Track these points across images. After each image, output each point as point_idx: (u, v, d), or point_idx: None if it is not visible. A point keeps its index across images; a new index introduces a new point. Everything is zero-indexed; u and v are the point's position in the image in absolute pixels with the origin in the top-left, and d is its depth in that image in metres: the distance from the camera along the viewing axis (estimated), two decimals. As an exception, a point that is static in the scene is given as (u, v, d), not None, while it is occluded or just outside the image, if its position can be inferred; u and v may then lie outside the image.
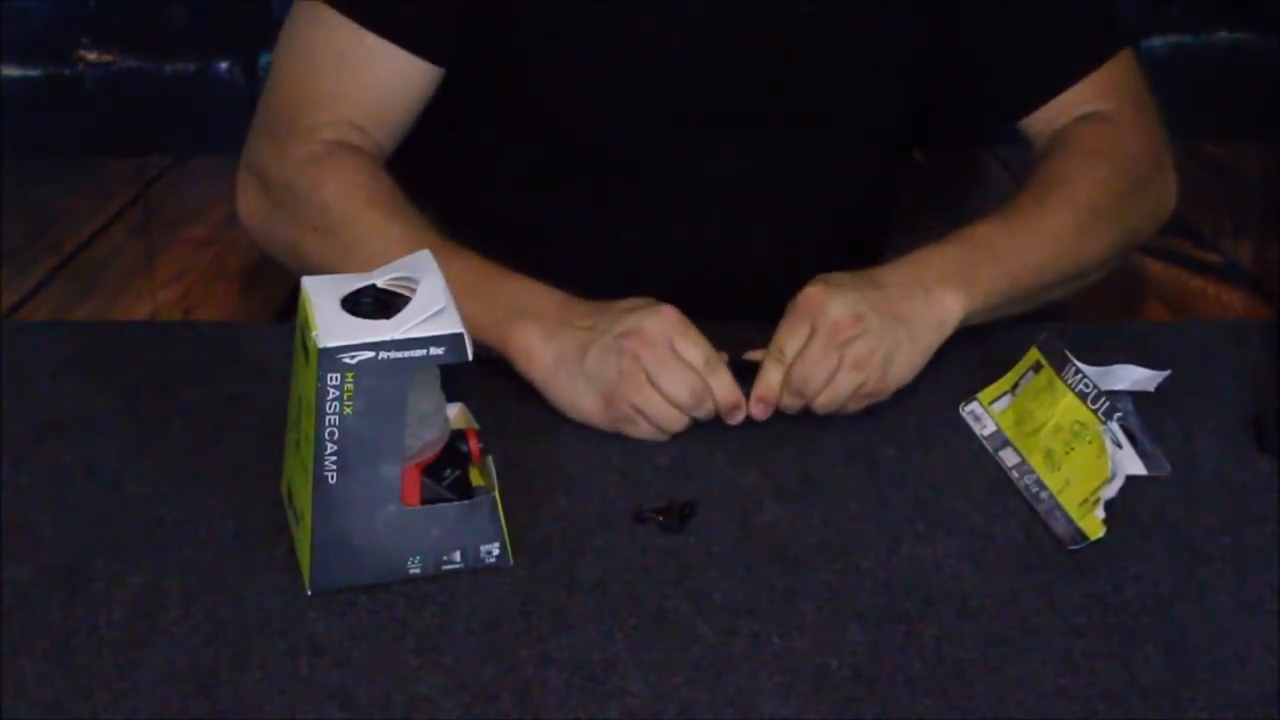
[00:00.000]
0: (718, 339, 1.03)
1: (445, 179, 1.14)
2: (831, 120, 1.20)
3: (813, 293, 1.00)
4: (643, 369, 0.96)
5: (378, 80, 1.15)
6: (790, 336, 0.99)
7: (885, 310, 1.00)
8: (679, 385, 0.96)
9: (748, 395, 0.99)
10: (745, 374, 0.99)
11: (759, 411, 0.99)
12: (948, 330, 1.03)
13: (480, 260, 1.04)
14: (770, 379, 0.99)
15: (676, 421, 0.98)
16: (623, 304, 1.00)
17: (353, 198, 1.09)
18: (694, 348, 0.97)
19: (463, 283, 0.99)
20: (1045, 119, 1.22)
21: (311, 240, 1.10)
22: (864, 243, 1.34)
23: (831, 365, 0.98)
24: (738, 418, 0.99)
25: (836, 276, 1.02)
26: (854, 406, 1.01)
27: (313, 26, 1.14)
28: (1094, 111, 1.21)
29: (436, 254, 1.05)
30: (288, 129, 1.14)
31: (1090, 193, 1.13)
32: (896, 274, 1.04)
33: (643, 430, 0.98)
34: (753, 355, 1.01)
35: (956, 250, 1.06)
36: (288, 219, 1.12)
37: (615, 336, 0.97)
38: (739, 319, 1.04)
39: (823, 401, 0.99)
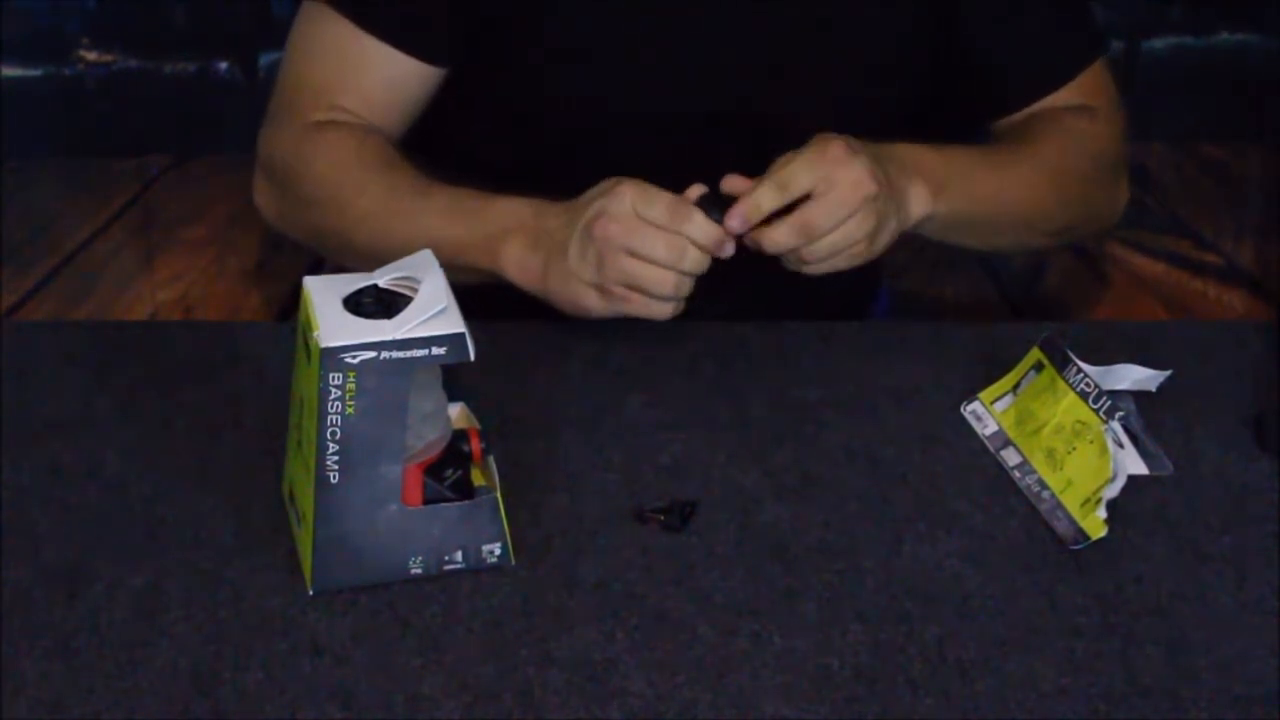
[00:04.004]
0: (718, 339, 1.03)
1: (440, 177, 1.15)
2: (834, 125, 1.20)
3: (838, 146, 1.01)
4: (615, 246, 0.98)
5: (375, 78, 1.17)
6: (802, 173, 1.00)
7: (888, 183, 1.03)
8: (653, 245, 0.98)
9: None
10: (723, 206, 0.99)
11: (735, 224, 0.99)
12: (911, 221, 1.07)
13: (465, 190, 1.09)
14: (760, 199, 0.99)
15: (668, 283, 0.99)
16: (586, 195, 1.01)
17: (343, 164, 1.13)
18: (656, 206, 0.98)
19: (449, 213, 1.07)
20: (1023, 117, 1.23)
21: (316, 215, 1.14)
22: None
23: (847, 212, 1.00)
24: (728, 250, 1.00)
25: (853, 140, 1.03)
26: (838, 262, 1.02)
27: (315, 25, 1.17)
28: (1073, 105, 1.23)
29: (424, 193, 1.10)
30: (286, 118, 1.18)
31: (1060, 159, 1.18)
32: (892, 155, 1.06)
33: (644, 306, 0.99)
34: (733, 185, 1.01)
35: (936, 157, 1.10)
36: (292, 200, 1.17)
37: (583, 228, 0.99)
38: (739, 320, 1.04)
39: (826, 244, 1.01)
